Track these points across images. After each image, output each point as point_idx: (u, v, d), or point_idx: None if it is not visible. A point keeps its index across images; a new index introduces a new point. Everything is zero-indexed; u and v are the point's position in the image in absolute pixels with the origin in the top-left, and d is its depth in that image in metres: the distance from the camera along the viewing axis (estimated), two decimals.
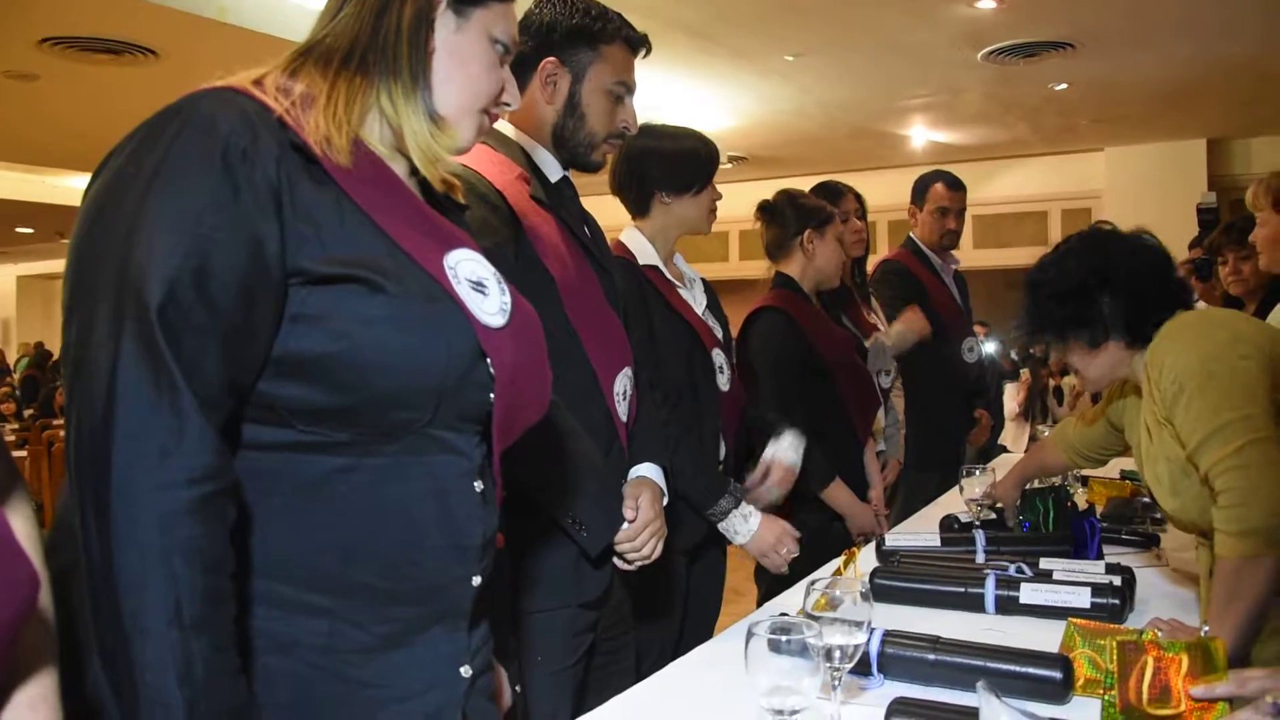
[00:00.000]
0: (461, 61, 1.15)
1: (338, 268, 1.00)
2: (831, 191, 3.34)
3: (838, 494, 2.82)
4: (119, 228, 0.94)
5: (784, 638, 1.10)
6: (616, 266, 2.00)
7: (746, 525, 2.21)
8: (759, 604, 2.83)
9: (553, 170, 1.84)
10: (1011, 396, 8.25)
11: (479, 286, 1.12)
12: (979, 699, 1.02)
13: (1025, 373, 8.07)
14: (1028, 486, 2.44)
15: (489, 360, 1.09)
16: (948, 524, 2.38)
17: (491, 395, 1.10)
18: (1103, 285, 1.77)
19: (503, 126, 1.85)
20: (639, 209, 2.37)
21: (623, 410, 1.81)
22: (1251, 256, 2.97)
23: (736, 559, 2.49)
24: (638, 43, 1.87)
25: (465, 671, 1.13)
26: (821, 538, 2.77)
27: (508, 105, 1.23)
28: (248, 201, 0.96)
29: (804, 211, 2.89)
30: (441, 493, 1.08)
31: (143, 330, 0.91)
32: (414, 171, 1.19)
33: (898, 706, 1.25)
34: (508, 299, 1.15)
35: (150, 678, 0.90)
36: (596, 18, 1.82)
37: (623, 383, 1.81)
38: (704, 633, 2.35)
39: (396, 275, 1.03)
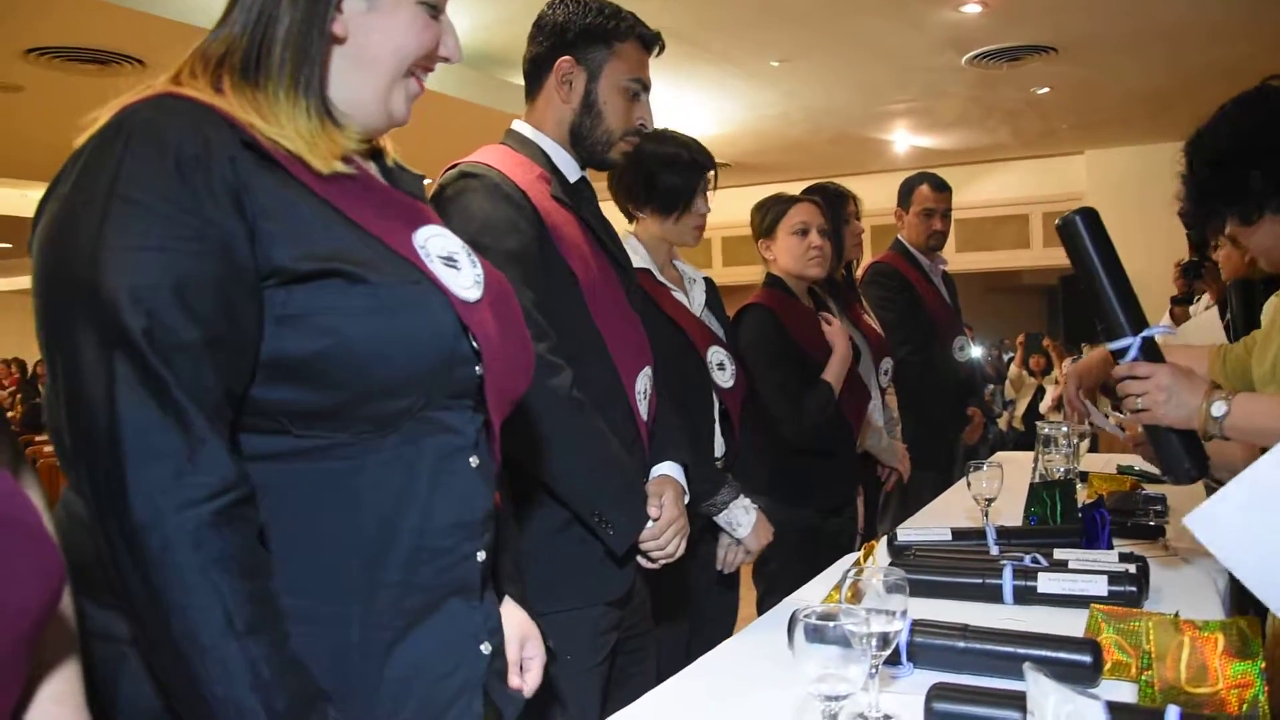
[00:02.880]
0: (383, 38, 1.11)
1: (315, 263, 0.99)
2: (833, 195, 3.35)
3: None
4: (81, 256, 0.92)
5: (830, 624, 1.11)
6: (634, 266, 2.01)
7: (748, 517, 2.22)
8: (758, 604, 2.84)
9: (571, 170, 1.85)
10: (1050, 394, 8.41)
11: (450, 261, 1.11)
12: (1027, 680, 1.03)
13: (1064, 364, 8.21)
14: (1034, 480, 2.46)
15: (471, 334, 1.08)
16: None
17: (478, 369, 1.09)
18: (1251, 156, 1.63)
19: (521, 127, 1.86)
20: (627, 216, 2.39)
21: (644, 409, 1.82)
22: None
23: None
24: (651, 40, 1.89)
25: (485, 649, 1.13)
26: (814, 536, 2.80)
27: (447, 60, 1.19)
28: (210, 207, 0.94)
29: (760, 217, 2.95)
30: (439, 473, 1.08)
31: (134, 358, 0.90)
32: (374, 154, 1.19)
33: (938, 691, 1.25)
34: (480, 270, 1.15)
35: (220, 690, 0.90)
36: (610, 16, 1.83)
37: (643, 382, 1.82)
38: (724, 629, 2.36)
39: (373, 263, 1.02)
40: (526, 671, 1.27)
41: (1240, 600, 2.02)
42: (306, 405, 1.00)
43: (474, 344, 1.09)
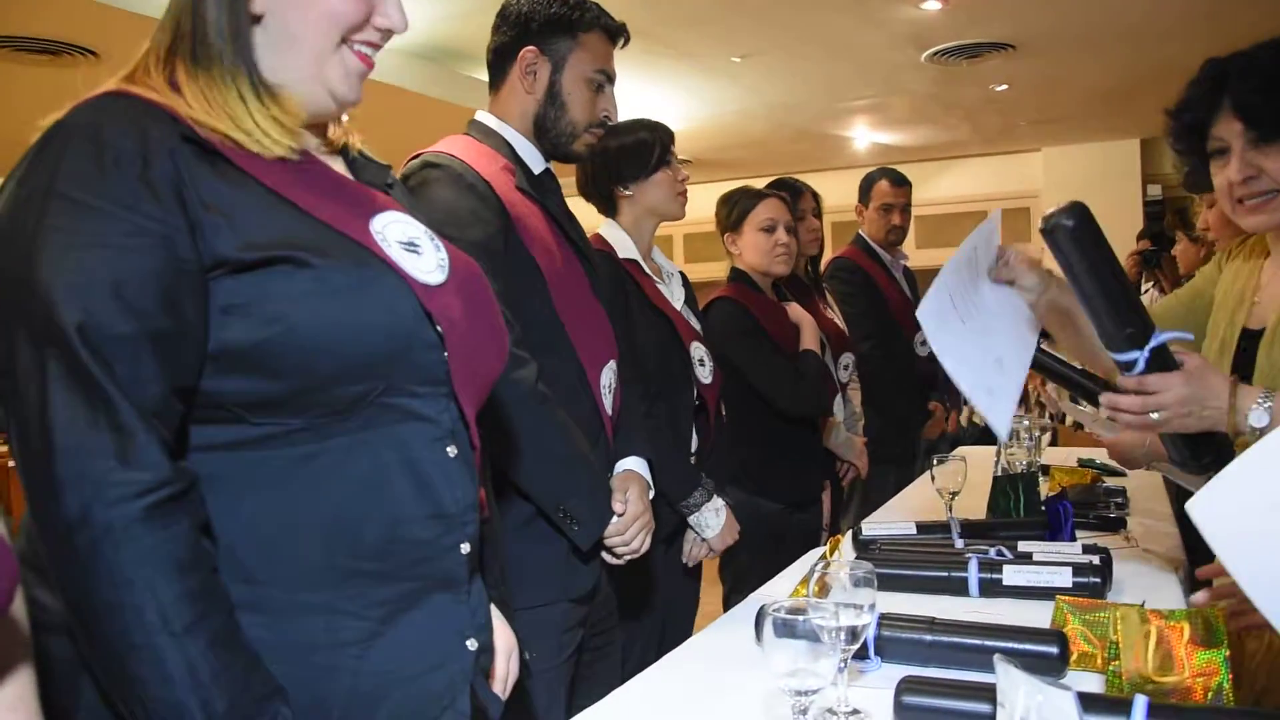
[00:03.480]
0: (301, 14, 1.08)
1: (258, 252, 0.98)
2: (791, 189, 3.36)
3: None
4: (18, 254, 0.92)
5: (799, 619, 1.10)
6: (599, 258, 2.00)
7: (717, 519, 2.22)
8: (725, 600, 2.84)
9: (535, 162, 1.84)
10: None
11: (411, 246, 1.10)
12: (997, 672, 1.02)
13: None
14: (996, 474, 2.47)
15: (433, 318, 1.06)
16: None
17: (445, 354, 1.08)
18: None
19: (484, 118, 1.84)
20: (608, 208, 2.37)
21: (608, 403, 1.81)
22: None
23: None
24: (616, 31, 1.88)
25: (471, 645, 1.11)
26: (779, 527, 2.81)
27: (390, 30, 1.13)
28: (148, 202, 0.94)
29: (727, 211, 2.97)
30: (412, 462, 1.06)
31: (65, 354, 0.89)
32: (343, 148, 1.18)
33: (908, 685, 1.25)
34: (444, 255, 1.13)
35: (155, 690, 0.89)
36: (574, 6, 1.82)
37: (608, 375, 1.80)
38: (685, 624, 2.35)
39: (320, 248, 1.01)
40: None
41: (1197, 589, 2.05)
42: (258, 394, 0.99)
43: (437, 328, 1.07)
